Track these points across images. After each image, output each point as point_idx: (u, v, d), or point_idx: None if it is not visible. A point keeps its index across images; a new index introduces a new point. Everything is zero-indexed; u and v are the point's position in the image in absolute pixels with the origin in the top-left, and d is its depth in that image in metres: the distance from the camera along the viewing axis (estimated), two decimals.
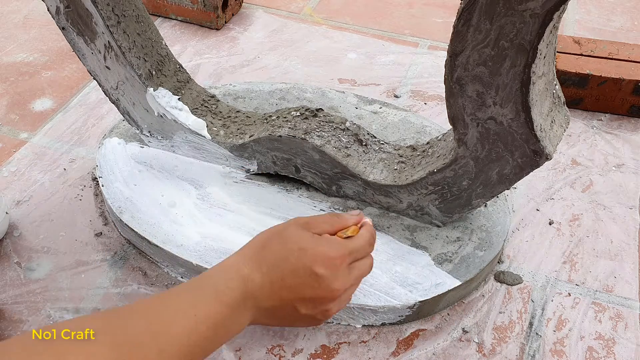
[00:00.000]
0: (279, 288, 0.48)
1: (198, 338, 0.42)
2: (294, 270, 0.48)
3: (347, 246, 0.51)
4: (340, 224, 0.53)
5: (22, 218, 0.82)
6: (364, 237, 0.54)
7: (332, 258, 0.49)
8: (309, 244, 0.49)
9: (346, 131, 0.72)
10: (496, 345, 0.69)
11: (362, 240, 0.53)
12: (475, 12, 0.50)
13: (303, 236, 0.49)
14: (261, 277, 0.47)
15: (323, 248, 0.49)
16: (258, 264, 0.48)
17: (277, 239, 0.50)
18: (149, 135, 0.82)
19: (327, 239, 0.50)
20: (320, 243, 0.49)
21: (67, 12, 0.68)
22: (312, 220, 0.52)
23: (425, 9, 1.31)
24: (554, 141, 0.60)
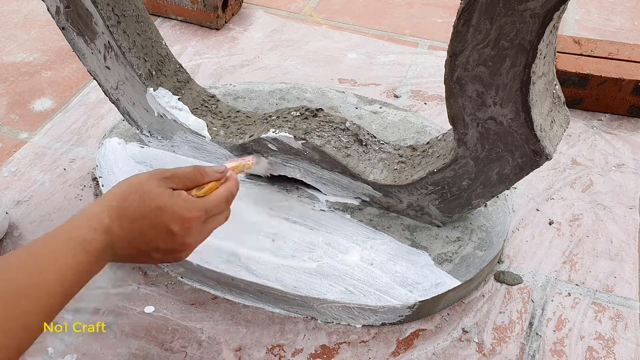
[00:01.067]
0: (137, 241, 0.51)
1: (69, 285, 0.46)
2: (151, 225, 0.51)
3: (201, 206, 0.54)
4: (201, 180, 0.55)
5: (22, 218, 0.82)
6: (220, 195, 0.56)
7: (186, 218, 0.52)
8: (165, 202, 0.51)
9: (346, 131, 0.72)
10: (496, 345, 0.69)
11: (216, 198, 0.55)
12: (475, 12, 0.50)
13: (161, 194, 0.52)
14: (121, 230, 0.50)
15: (178, 209, 0.52)
16: (119, 217, 0.50)
17: (137, 192, 0.52)
18: (149, 135, 0.82)
19: (184, 199, 0.53)
20: (176, 203, 0.52)
21: (67, 12, 0.68)
22: (174, 175, 0.54)
23: (425, 9, 1.31)
24: (554, 141, 0.60)
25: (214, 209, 0.55)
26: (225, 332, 0.69)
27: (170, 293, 0.73)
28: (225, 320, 0.70)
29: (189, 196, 0.54)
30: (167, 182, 0.53)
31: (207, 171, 0.56)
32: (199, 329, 0.69)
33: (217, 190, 0.56)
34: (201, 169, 0.56)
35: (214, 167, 0.58)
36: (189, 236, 0.53)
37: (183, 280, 0.74)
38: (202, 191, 0.55)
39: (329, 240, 0.73)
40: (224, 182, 0.57)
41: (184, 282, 0.74)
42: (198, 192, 0.55)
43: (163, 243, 0.52)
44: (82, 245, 0.47)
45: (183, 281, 0.74)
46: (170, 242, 0.52)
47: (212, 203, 0.55)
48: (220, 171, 0.57)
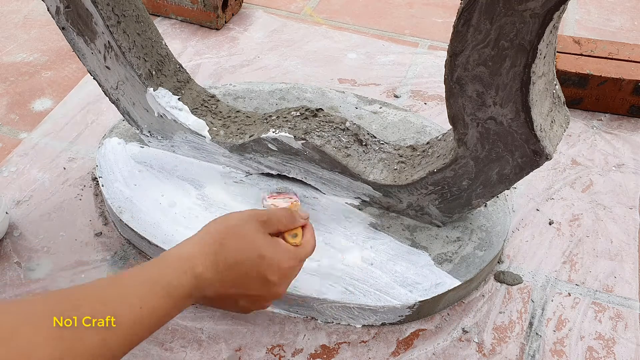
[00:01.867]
0: (229, 286, 0.50)
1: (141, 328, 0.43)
2: (247, 273, 0.50)
3: (298, 256, 0.54)
4: (292, 224, 0.56)
5: (22, 218, 0.82)
6: (311, 244, 0.56)
7: (285, 268, 0.52)
8: (267, 251, 0.51)
9: (346, 131, 0.72)
10: (496, 345, 0.69)
11: (309, 247, 0.56)
12: (475, 12, 0.50)
13: (261, 241, 0.51)
14: (214, 275, 0.49)
15: (279, 257, 0.52)
16: (214, 263, 0.49)
17: (235, 237, 0.50)
18: (149, 135, 0.82)
19: (283, 248, 0.53)
20: (277, 252, 0.52)
21: (67, 12, 0.68)
22: (269, 219, 0.53)
23: (425, 9, 1.31)
24: (554, 141, 0.60)
25: (306, 256, 0.55)
26: (225, 332, 0.69)
27: None
28: (225, 320, 0.70)
29: (288, 245, 0.54)
30: (265, 227, 0.53)
31: (295, 216, 0.56)
32: (199, 329, 0.69)
33: (308, 238, 0.57)
34: (291, 214, 0.56)
35: (300, 213, 0.58)
36: (283, 285, 0.53)
37: None
38: (297, 239, 0.56)
39: (329, 240, 0.73)
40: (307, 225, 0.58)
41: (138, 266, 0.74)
42: (294, 240, 0.55)
43: (255, 290, 0.51)
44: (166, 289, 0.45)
45: None
46: (263, 290, 0.52)
47: (307, 252, 0.55)
48: (306, 217, 0.58)
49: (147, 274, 0.46)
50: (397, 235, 0.73)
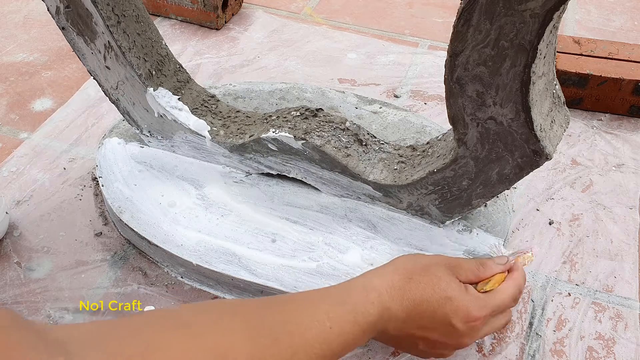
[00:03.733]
0: (412, 325, 0.48)
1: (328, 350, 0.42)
2: (433, 313, 0.48)
3: (489, 304, 0.51)
4: (484, 274, 0.52)
5: (22, 218, 0.82)
6: (508, 292, 0.52)
7: (472, 317, 0.49)
8: (455, 294, 0.49)
9: (346, 131, 0.72)
10: (496, 345, 0.69)
11: (505, 296, 0.52)
12: (475, 12, 0.50)
13: (451, 284, 0.49)
14: (399, 309, 0.47)
15: (467, 304, 0.49)
16: (401, 297, 0.48)
17: (425, 275, 0.49)
18: (149, 135, 0.82)
19: (473, 295, 0.50)
20: (466, 297, 0.49)
21: (67, 12, 0.68)
22: (459, 266, 0.52)
23: (425, 9, 1.31)
24: (554, 141, 0.60)
25: (499, 306, 0.52)
26: None
27: (170, 293, 0.73)
28: None
29: (477, 292, 0.51)
30: (454, 272, 0.51)
31: (489, 264, 0.54)
32: None
33: (505, 285, 0.53)
34: (483, 263, 0.54)
35: (496, 259, 0.55)
36: (468, 336, 0.51)
37: (183, 280, 0.74)
38: (488, 285, 0.52)
39: (329, 240, 0.73)
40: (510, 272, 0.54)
41: (184, 282, 0.74)
42: (484, 286, 0.52)
43: (438, 335, 0.50)
44: (354, 314, 0.44)
45: (183, 281, 0.74)
46: (445, 335, 0.50)
47: (498, 301, 0.51)
48: (503, 263, 0.54)
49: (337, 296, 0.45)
50: None
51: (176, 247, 0.72)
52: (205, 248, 0.72)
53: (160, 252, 0.73)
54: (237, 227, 0.74)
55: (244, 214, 0.76)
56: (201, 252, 0.71)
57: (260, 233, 0.73)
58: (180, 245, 0.72)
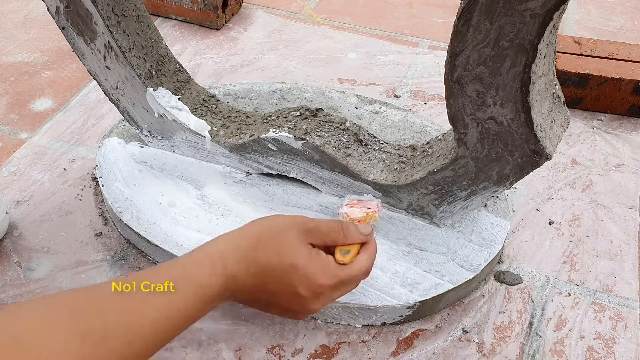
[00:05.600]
0: (258, 291, 0.47)
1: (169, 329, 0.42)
2: (278, 280, 0.47)
3: (339, 275, 0.48)
4: (343, 240, 0.50)
5: (22, 218, 0.82)
6: (361, 265, 0.50)
7: (319, 285, 0.47)
8: (301, 261, 0.47)
9: (346, 131, 0.72)
10: (496, 345, 0.69)
11: (357, 269, 0.50)
12: (475, 12, 0.50)
13: (298, 249, 0.47)
14: (245, 278, 0.46)
15: (313, 271, 0.47)
16: (247, 265, 0.46)
17: (272, 241, 0.47)
18: (149, 135, 0.82)
19: (322, 263, 0.48)
20: (313, 265, 0.47)
21: (67, 12, 0.68)
22: (315, 228, 0.49)
23: (425, 9, 1.31)
24: (554, 141, 0.60)
25: (349, 279, 0.49)
26: (225, 332, 0.69)
27: None
28: (225, 320, 0.70)
29: (329, 260, 0.48)
30: (308, 236, 0.48)
31: (351, 231, 0.51)
32: (199, 329, 0.69)
33: (360, 259, 0.50)
34: (345, 227, 0.51)
35: (360, 227, 0.52)
36: (315, 302, 0.48)
37: None
38: (347, 257, 0.49)
39: None
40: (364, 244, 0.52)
41: (167, 262, 0.74)
42: (343, 257, 0.49)
43: (285, 302, 0.48)
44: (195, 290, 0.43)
45: None
46: (292, 303, 0.48)
47: (351, 274, 0.49)
48: (366, 233, 0.51)
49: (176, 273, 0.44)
50: None
51: (176, 247, 0.72)
52: None
53: (160, 252, 0.73)
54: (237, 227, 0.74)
55: (244, 214, 0.76)
56: None
57: None
58: (180, 245, 0.72)
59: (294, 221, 0.49)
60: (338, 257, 0.49)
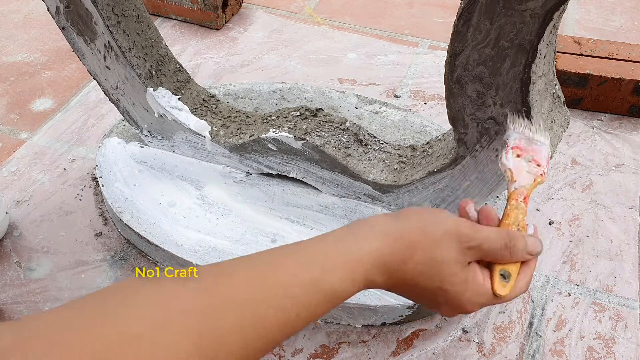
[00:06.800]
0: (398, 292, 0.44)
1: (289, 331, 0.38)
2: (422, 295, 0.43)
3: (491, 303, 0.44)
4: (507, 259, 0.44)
5: (22, 218, 0.82)
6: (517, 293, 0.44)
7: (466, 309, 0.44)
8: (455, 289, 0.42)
9: (346, 131, 0.72)
10: (496, 345, 0.69)
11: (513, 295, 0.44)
12: (475, 12, 0.50)
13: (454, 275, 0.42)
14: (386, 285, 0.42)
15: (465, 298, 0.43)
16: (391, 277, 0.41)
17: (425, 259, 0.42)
18: (149, 135, 0.82)
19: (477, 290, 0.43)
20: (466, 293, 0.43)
21: (67, 12, 0.68)
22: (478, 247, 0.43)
23: (425, 9, 1.31)
24: (554, 141, 0.60)
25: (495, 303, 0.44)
26: None
27: None
28: None
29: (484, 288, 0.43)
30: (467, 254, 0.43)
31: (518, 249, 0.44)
32: None
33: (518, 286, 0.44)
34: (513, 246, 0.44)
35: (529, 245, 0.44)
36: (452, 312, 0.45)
37: None
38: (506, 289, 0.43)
39: None
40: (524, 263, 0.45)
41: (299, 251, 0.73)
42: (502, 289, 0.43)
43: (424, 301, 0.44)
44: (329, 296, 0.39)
45: None
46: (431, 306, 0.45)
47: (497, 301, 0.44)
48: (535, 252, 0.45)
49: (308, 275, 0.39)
50: None
51: (176, 247, 0.72)
52: (205, 248, 0.72)
53: (160, 252, 0.73)
54: (237, 227, 0.74)
55: (244, 214, 0.76)
56: (201, 252, 0.71)
57: (260, 233, 0.73)
58: (180, 245, 0.72)
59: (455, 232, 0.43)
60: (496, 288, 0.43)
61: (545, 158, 0.48)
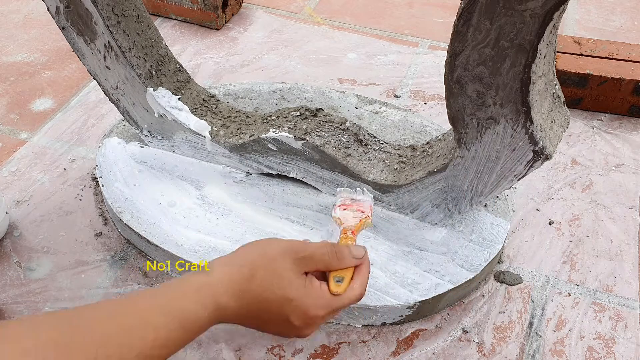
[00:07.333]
0: (251, 318, 0.47)
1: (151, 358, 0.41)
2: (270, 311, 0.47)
3: (332, 306, 0.48)
4: (337, 265, 0.50)
5: (22, 218, 0.82)
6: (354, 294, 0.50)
7: (312, 316, 0.48)
8: (296, 294, 0.47)
9: (346, 131, 0.72)
10: (496, 345, 0.69)
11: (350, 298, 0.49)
12: (475, 12, 0.50)
13: (293, 283, 0.47)
14: (238, 308, 0.46)
15: (307, 303, 0.47)
16: (240, 297, 0.46)
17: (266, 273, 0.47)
18: (149, 135, 0.82)
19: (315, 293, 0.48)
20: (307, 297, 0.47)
21: (67, 12, 0.68)
22: (309, 257, 0.49)
23: (425, 9, 1.31)
24: (554, 141, 0.60)
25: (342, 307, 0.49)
26: (225, 332, 0.69)
27: None
28: None
29: (322, 291, 0.48)
30: (302, 265, 0.48)
31: (345, 257, 0.50)
32: None
33: (353, 287, 0.49)
34: (339, 252, 0.50)
35: (353, 251, 0.51)
36: (306, 330, 0.49)
37: None
38: (341, 287, 0.49)
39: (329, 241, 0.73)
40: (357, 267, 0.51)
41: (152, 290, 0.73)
42: (336, 287, 0.49)
43: (277, 328, 0.49)
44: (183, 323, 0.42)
45: None
46: (285, 329, 0.49)
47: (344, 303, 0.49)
48: (359, 257, 0.51)
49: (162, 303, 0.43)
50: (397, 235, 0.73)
51: (176, 247, 0.72)
52: (205, 248, 0.71)
53: (160, 252, 0.73)
54: (237, 227, 0.74)
55: (244, 214, 0.76)
56: (201, 252, 0.71)
57: (260, 233, 0.73)
58: (180, 245, 0.72)
59: (288, 248, 0.48)
60: (332, 288, 0.49)
61: (368, 207, 0.59)
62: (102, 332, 0.39)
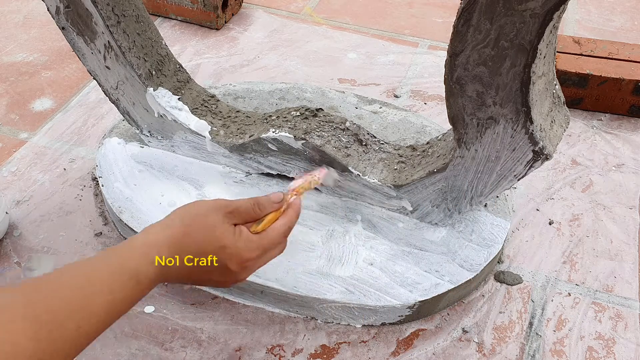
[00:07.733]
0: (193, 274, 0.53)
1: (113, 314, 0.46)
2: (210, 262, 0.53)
3: (261, 244, 0.54)
4: (259, 214, 0.56)
5: (22, 218, 0.82)
6: (277, 230, 0.56)
7: (245, 259, 0.53)
8: (228, 241, 0.52)
9: (346, 131, 0.72)
10: (496, 345, 0.69)
11: (274, 235, 0.55)
12: (475, 12, 0.50)
13: (225, 232, 0.53)
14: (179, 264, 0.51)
15: (239, 249, 0.53)
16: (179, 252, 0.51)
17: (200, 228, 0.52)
18: (149, 135, 0.82)
19: (245, 238, 0.54)
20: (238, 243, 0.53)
21: (67, 12, 0.68)
22: (236, 210, 0.54)
23: (425, 9, 1.31)
24: (554, 141, 0.60)
25: (270, 245, 0.55)
26: (225, 332, 0.69)
27: (170, 293, 0.73)
28: (225, 320, 0.70)
29: (250, 235, 0.54)
30: (230, 218, 0.54)
31: (264, 204, 0.56)
32: (199, 329, 0.69)
33: (275, 225, 0.56)
34: (258, 202, 0.56)
35: (271, 197, 0.57)
36: (244, 273, 0.55)
37: None
38: (260, 226, 0.55)
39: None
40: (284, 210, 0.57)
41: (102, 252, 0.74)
42: (256, 227, 0.55)
43: (218, 277, 0.54)
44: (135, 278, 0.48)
45: None
46: (225, 276, 0.54)
47: (269, 240, 0.55)
48: (277, 201, 0.57)
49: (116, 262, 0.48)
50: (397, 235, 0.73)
51: None
52: None
53: None
54: None
55: None
56: None
57: None
58: None
59: (217, 205, 0.54)
60: (252, 229, 0.55)
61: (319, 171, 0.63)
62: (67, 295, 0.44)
